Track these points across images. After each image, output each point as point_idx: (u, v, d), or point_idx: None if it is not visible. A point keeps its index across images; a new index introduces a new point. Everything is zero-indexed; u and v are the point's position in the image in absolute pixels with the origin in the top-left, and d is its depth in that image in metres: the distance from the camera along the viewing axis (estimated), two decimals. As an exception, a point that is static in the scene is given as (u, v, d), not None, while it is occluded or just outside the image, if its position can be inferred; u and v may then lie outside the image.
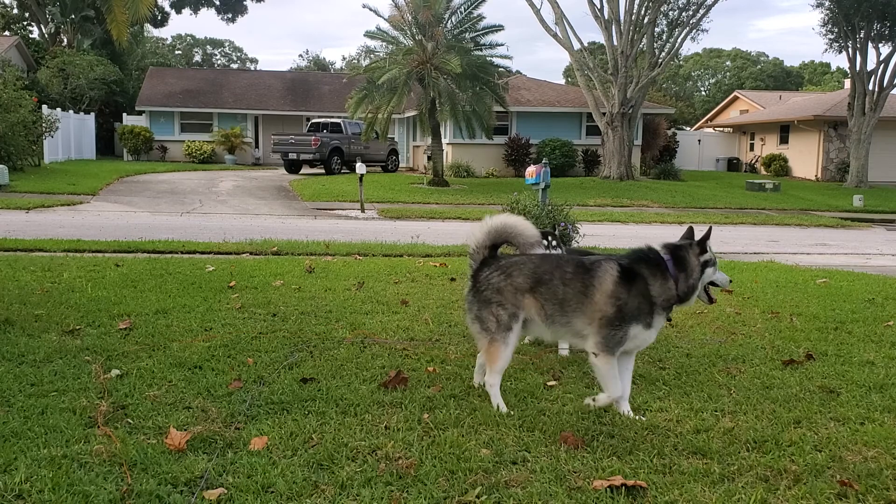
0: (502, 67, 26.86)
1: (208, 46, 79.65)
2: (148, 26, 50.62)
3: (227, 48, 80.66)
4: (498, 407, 4.10)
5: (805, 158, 37.27)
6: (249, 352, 5.13)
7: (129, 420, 3.81)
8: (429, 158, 27.66)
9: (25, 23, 46.56)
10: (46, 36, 43.81)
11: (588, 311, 4.04)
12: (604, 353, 4.01)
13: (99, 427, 3.66)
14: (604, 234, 14.56)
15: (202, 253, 10.54)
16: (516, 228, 4.37)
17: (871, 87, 31.22)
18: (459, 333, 5.85)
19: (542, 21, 29.25)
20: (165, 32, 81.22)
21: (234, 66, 76.88)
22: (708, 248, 4.22)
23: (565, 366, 5.07)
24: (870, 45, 31.01)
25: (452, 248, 11.83)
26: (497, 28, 25.89)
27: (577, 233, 12.21)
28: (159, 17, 48.06)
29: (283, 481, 3.15)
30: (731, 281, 4.52)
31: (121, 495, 2.99)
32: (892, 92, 31.98)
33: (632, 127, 30.02)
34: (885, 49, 31.05)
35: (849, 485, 3.26)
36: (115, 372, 4.56)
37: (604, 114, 29.15)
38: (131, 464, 3.27)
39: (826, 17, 31.50)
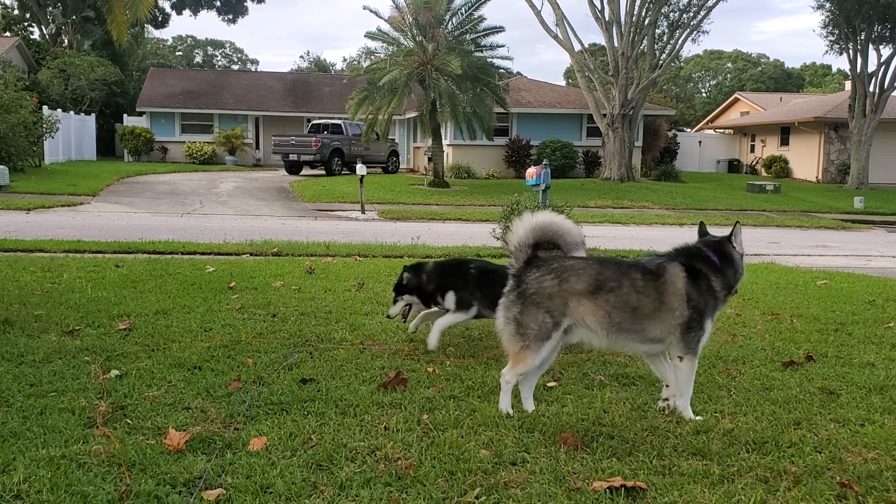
0: (503, 69, 26.88)
1: (209, 47, 79.71)
2: (149, 27, 50.68)
3: (227, 49, 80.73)
4: (504, 408, 4.05)
5: (806, 160, 37.27)
6: (249, 352, 5.12)
7: (129, 420, 3.81)
8: (429, 160, 27.68)
9: (26, 24, 46.61)
10: (47, 37, 43.85)
11: (666, 316, 4.00)
12: (690, 354, 4.05)
13: (98, 427, 3.66)
14: (604, 236, 14.56)
15: (202, 254, 10.54)
16: (562, 227, 4.22)
17: (871, 88, 31.21)
18: (458, 334, 5.84)
19: (542, 22, 29.29)
20: (166, 33, 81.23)
21: (235, 67, 76.94)
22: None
23: (565, 367, 5.06)
24: (870, 46, 31.01)
25: (453, 249, 11.84)
26: (498, 29, 25.91)
27: (578, 234, 12.21)
28: (160, 18, 48.10)
29: (282, 482, 3.15)
30: None
31: (119, 496, 2.99)
32: (892, 94, 31.98)
33: (632, 128, 30.03)
34: (885, 51, 31.09)
35: (849, 486, 3.26)
36: (114, 372, 4.56)
37: (604, 115, 29.16)
38: (130, 464, 3.27)
39: (827, 19, 31.50)
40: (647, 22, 28.82)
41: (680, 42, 30.00)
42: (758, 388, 4.68)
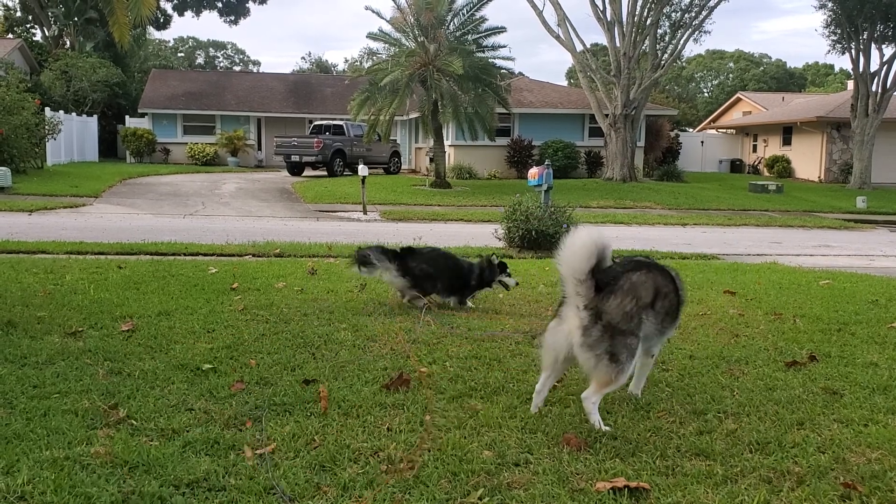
0: (504, 69, 26.90)
1: (211, 49, 79.79)
2: (150, 29, 50.75)
3: (229, 50, 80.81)
4: (598, 424, 3.88)
5: (808, 160, 37.25)
6: (252, 353, 5.12)
7: (132, 422, 3.81)
8: (431, 160, 27.69)
9: (28, 25, 46.67)
10: (49, 38, 43.90)
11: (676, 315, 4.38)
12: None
13: (101, 429, 3.66)
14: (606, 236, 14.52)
15: (205, 255, 10.55)
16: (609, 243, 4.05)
17: (874, 88, 31.18)
18: (461, 335, 5.84)
19: (544, 23, 29.28)
20: (168, 35, 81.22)
21: (237, 68, 77.01)
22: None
23: (567, 367, 5.05)
24: (873, 46, 30.98)
25: (455, 249, 11.79)
26: (499, 30, 25.92)
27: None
28: (161, 20, 48.17)
29: (286, 483, 3.15)
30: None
31: (123, 497, 2.99)
32: (895, 93, 31.93)
33: (634, 128, 30.01)
34: (888, 50, 31.07)
35: (853, 486, 3.25)
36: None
37: (606, 115, 29.16)
38: (133, 465, 3.27)
39: (829, 19, 31.47)
40: (648, 22, 28.81)
41: (682, 42, 30.03)
42: (761, 388, 4.67)
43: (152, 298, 6.89)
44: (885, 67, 30.92)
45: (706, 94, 75.73)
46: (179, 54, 75.77)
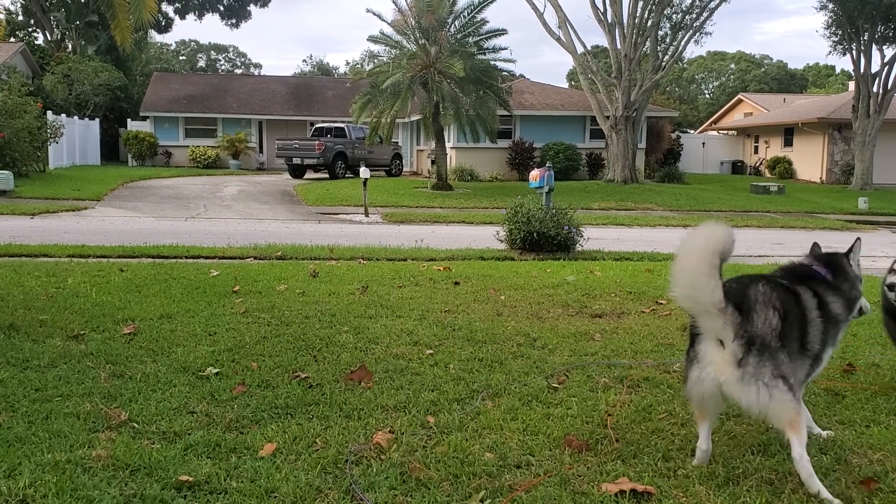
0: (506, 71, 26.92)
1: (212, 52, 79.90)
2: (152, 32, 50.83)
3: (231, 53, 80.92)
4: (821, 492, 3.17)
5: (809, 161, 37.23)
6: (253, 356, 5.13)
7: (134, 425, 3.81)
8: (433, 162, 27.70)
9: (30, 29, 46.76)
10: (51, 42, 43.98)
11: None
12: None
13: (103, 432, 3.67)
14: (608, 238, 14.55)
15: (206, 258, 10.56)
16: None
17: (875, 89, 31.16)
18: (463, 337, 5.84)
19: (545, 24, 29.30)
20: (169, 38, 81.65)
21: (238, 71, 77.10)
22: None
23: (570, 369, 5.06)
24: (874, 47, 30.96)
25: (456, 251, 11.84)
26: (500, 32, 25.93)
27: (582, 236, 12.22)
28: (163, 23, 48.24)
29: (287, 486, 3.15)
30: None
31: (124, 500, 2.99)
32: (896, 94, 31.95)
33: (635, 130, 30.01)
34: (889, 51, 31.05)
35: (868, 483, 3.25)
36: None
37: (607, 117, 29.16)
38: (135, 468, 3.27)
39: (830, 20, 31.46)
40: (649, 23, 28.82)
41: (682, 43, 30.04)
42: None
43: (154, 301, 6.89)
44: (885, 68, 30.91)
45: (707, 96, 75.71)
46: (181, 57, 75.86)
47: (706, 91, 77.66)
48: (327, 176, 30.97)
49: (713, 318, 3.22)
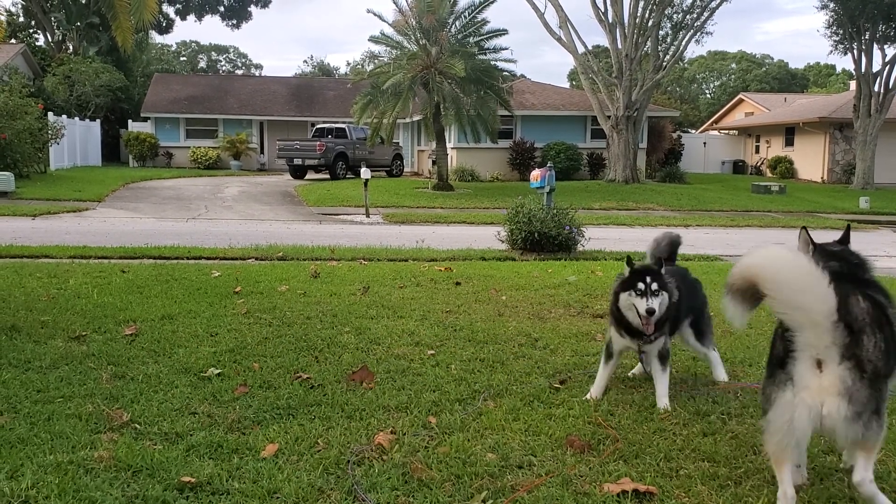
0: (506, 71, 26.88)
1: (213, 53, 79.91)
2: (153, 33, 50.86)
3: (231, 54, 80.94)
4: None
5: (811, 160, 37.20)
6: (255, 357, 5.13)
7: (136, 426, 3.81)
8: (433, 163, 27.69)
9: (31, 30, 46.77)
10: (52, 43, 44.00)
11: None
12: None
13: (105, 433, 3.67)
14: (609, 238, 14.53)
15: (208, 258, 10.56)
16: None
17: (876, 88, 31.12)
18: (465, 338, 5.84)
19: (545, 25, 29.29)
20: (170, 39, 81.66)
21: (239, 71, 77.13)
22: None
23: (571, 369, 5.05)
24: (875, 46, 30.92)
25: (457, 252, 11.83)
26: (501, 32, 25.90)
27: (583, 236, 12.21)
28: (164, 24, 48.27)
29: (289, 486, 3.15)
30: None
31: (126, 501, 2.99)
32: (897, 93, 31.90)
33: (636, 130, 29.99)
34: (890, 50, 30.99)
35: None
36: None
37: (608, 117, 29.15)
38: (137, 469, 3.27)
39: (831, 19, 31.43)
40: (650, 23, 28.81)
41: (683, 43, 30.00)
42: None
43: (155, 302, 6.90)
44: (887, 68, 30.87)
45: (708, 96, 75.67)
46: (182, 58, 75.89)
47: (707, 91, 77.61)
48: (328, 176, 30.97)
49: (820, 333, 2.74)
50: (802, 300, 2.74)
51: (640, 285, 4.17)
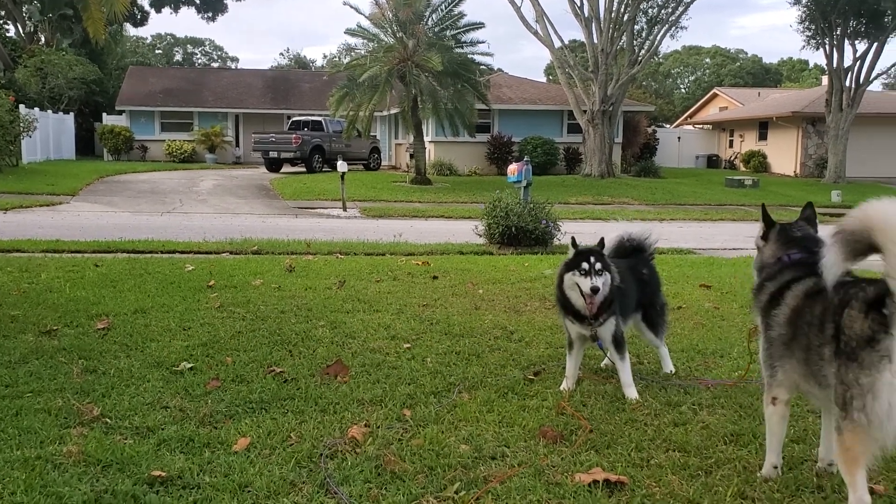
0: (483, 65, 26.87)
1: (189, 45, 79.18)
2: (127, 25, 50.19)
3: (207, 47, 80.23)
4: None
5: (784, 155, 37.56)
6: (228, 351, 5.10)
7: (107, 420, 3.78)
8: (411, 156, 27.62)
9: (2, 21, 46.01)
10: (24, 35, 43.32)
11: None
12: None
13: (74, 428, 3.63)
14: (585, 232, 14.52)
15: (182, 252, 10.47)
16: None
17: (848, 83, 31.48)
18: (441, 331, 5.84)
19: (522, 19, 29.31)
20: (145, 32, 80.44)
21: (215, 64, 76.45)
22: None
23: (546, 361, 5.08)
24: (846, 41, 31.26)
25: (435, 246, 11.83)
26: (478, 25, 25.89)
27: (559, 230, 12.26)
28: (139, 17, 47.64)
29: (261, 480, 3.14)
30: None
31: (95, 496, 2.97)
32: (868, 88, 32.26)
33: (612, 124, 30.12)
34: (861, 46, 31.34)
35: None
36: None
37: (585, 111, 29.24)
38: (107, 464, 3.25)
39: (804, 15, 31.73)
40: (625, 18, 28.90)
41: (658, 38, 30.11)
42: (735, 379, 4.71)
43: (128, 296, 6.84)
44: (858, 63, 31.23)
45: (683, 90, 76.14)
46: (157, 51, 75.12)
47: (682, 85, 78.09)
48: (304, 170, 30.79)
49: None
50: None
51: (584, 265, 4.24)
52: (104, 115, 39.69)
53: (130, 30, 57.21)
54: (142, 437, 3.58)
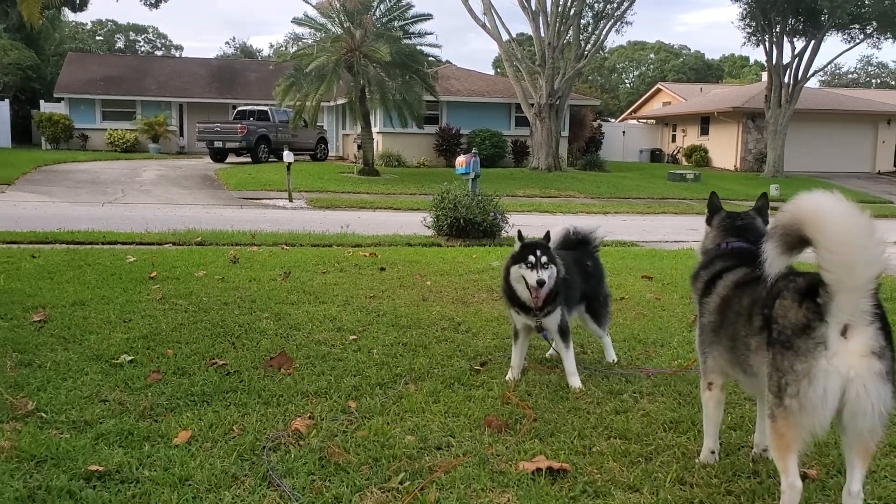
0: (432, 56, 26.85)
1: (131, 32, 77.22)
2: (66, 10, 48.73)
3: (150, 34, 78.36)
4: None
5: (725, 149, 38.36)
6: (169, 343, 5.01)
7: (42, 414, 3.68)
8: (359, 147, 27.48)
9: (-68, 4, 44.32)
10: (-45, 18, 41.82)
11: None
12: None
13: (7, 422, 3.53)
14: (533, 224, 14.65)
15: (123, 243, 10.25)
16: None
17: (786, 80, 32.29)
18: (388, 323, 5.83)
19: (470, 11, 29.36)
20: (85, 17, 78.41)
21: (158, 52, 74.80)
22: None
23: (492, 352, 5.11)
24: (785, 39, 32.05)
25: (383, 237, 11.79)
26: (425, 17, 25.86)
27: (507, 223, 12.33)
28: (77, 1, 46.32)
29: (202, 473, 3.09)
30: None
31: (28, 492, 2.89)
32: (806, 85, 33.13)
33: (559, 118, 30.37)
34: (799, 43, 32.18)
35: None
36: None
37: (532, 105, 29.43)
38: (41, 459, 3.16)
39: (744, 12, 32.43)
40: (572, 12, 29.15)
41: (604, 32, 30.45)
42: (675, 368, 4.80)
43: (67, 288, 6.67)
44: (796, 60, 32.05)
45: (628, 85, 77.16)
46: (98, 38, 73.09)
47: (627, 80, 79.13)
48: (250, 160, 30.38)
49: (861, 296, 2.59)
50: (855, 258, 2.56)
51: (531, 258, 4.30)
52: (42, 102, 38.55)
53: (69, 14, 55.50)
54: (79, 431, 3.49)
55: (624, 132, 44.27)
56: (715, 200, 3.68)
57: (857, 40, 32.56)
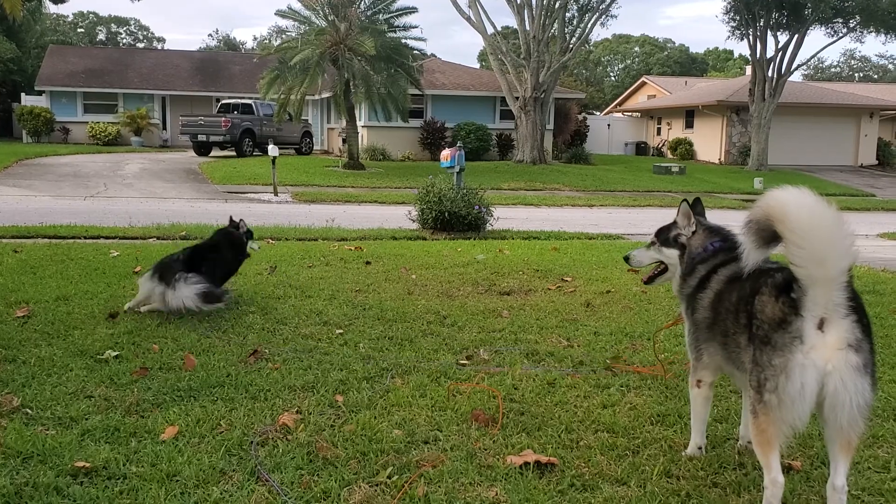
0: (417, 50, 26.81)
1: (113, 24, 76.54)
2: (47, 2, 48.25)
3: (132, 26, 77.69)
4: None
5: (709, 142, 38.53)
6: (155, 338, 4.99)
7: (27, 411, 3.66)
8: (344, 141, 27.40)
9: None
10: (-67, 10, 41.30)
11: None
12: None
13: (-7, 419, 3.51)
14: (517, 217, 14.74)
15: (106, 238, 10.18)
16: None
17: (770, 73, 32.44)
18: (374, 316, 5.83)
19: (455, 4, 29.29)
20: (66, 9, 77.59)
21: (141, 45, 74.20)
22: None
23: (478, 345, 5.12)
24: (769, 33, 32.20)
25: (368, 231, 11.77)
26: (410, 10, 25.81)
27: (492, 216, 12.34)
28: (58, -7, 45.85)
29: (190, 469, 3.08)
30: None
31: (15, 489, 2.87)
32: (789, 79, 33.32)
33: (544, 111, 30.40)
34: (783, 37, 32.31)
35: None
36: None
37: (517, 98, 29.43)
38: (27, 456, 3.14)
39: (729, 5, 32.53)
40: (557, 5, 29.13)
41: (589, 26, 30.46)
42: (662, 362, 4.83)
43: (50, 283, 6.62)
44: (780, 53, 32.20)
45: (613, 78, 77.33)
46: (79, 30, 72.40)
47: (612, 73, 79.28)
48: (234, 154, 30.24)
49: (833, 289, 2.62)
50: (824, 252, 2.59)
51: None
52: (23, 95, 38.16)
53: (50, 6, 54.97)
54: (65, 427, 3.47)
55: (609, 125, 44.35)
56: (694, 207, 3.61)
57: (840, 34, 32.74)
